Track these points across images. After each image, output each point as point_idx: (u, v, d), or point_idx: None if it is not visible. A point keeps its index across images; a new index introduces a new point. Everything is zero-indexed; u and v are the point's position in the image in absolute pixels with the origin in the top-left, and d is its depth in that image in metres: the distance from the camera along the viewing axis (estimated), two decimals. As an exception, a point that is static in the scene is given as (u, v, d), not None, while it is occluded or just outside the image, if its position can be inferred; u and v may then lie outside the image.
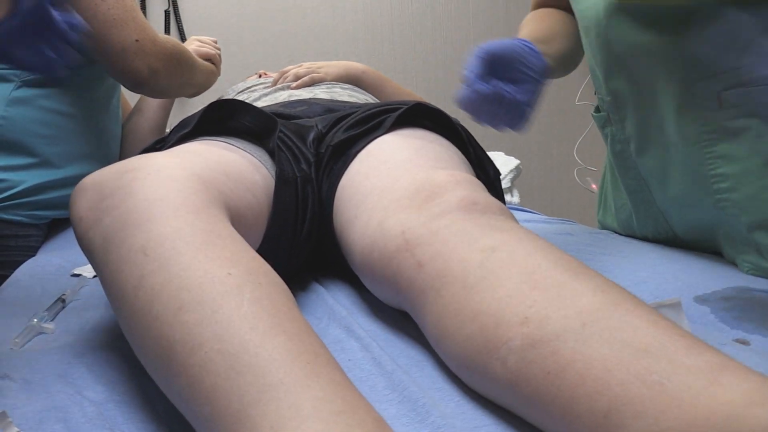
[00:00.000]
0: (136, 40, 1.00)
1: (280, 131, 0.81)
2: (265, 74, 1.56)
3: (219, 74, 1.44)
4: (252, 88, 1.39)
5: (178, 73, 1.12)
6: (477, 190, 0.62)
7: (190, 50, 1.27)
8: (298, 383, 0.40)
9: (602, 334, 0.42)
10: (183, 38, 1.95)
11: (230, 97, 1.32)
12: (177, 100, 1.65)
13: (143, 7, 1.92)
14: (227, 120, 0.80)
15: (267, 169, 0.75)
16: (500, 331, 0.46)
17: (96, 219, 0.54)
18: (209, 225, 0.52)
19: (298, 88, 1.31)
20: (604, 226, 1.12)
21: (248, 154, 0.74)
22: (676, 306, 0.58)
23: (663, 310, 0.57)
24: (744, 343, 0.60)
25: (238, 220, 0.61)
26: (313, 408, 0.39)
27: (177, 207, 0.52)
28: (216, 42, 1.48)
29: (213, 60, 1.40)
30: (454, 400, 0.51)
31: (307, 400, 0.39)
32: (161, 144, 0.79)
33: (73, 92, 1.16)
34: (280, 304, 0.47)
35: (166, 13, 1.94)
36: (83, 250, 0.57)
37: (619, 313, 0.43)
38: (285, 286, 0.51)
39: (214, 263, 0.48)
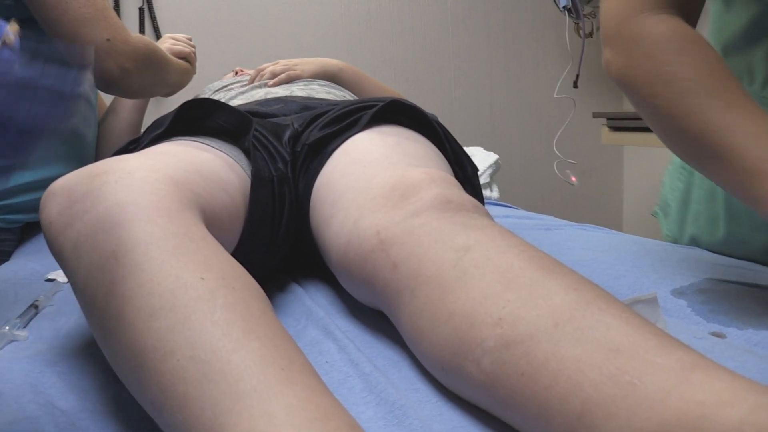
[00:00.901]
0: (108, 40, 0.99)
1: (256, 130, 0.80)
2: (242, 71, 1.55)
3: (194, 72, 1.42)
4: (228, 87, 1.38)
5: (150, 72, 1.10)
6: (452, 187, 0.62)
7: (164, 48, 1.26)
8: (272, 390, 0.40)
9: (574, 333, 0.42)
10: (158, 37, 1.92)
11: (206, 96, 1.31)
12: (153, 100, 1.63)
13: (117, 5, 1.89)
14: (201, 119, 0.78)
15: (243, 168, 0.74)
16: (474, 332, 0.46)
17: (66, 224, 0.53)
18: (182, 228, 0.51)
19: (274, 85, 1.30)
20: (690, 242, 0.94)
21: (223, 154, 0.73)
22: (652, 301, 0.59)
23: (639, 305, 0.58)
24: (720, 336, 0.61)
25: (213, 221, 0.60)
26: (287, 416, 0.39)
27: (149, 211, 0.51)
28: (191, 39, 1.46)
29: (188, 58, 1.39)
30: (431, 401, 0.50)
31: (281, 407, 0.39)
32: (134, 145, 0.78)
33: (46, 93, 1.14)
34: (255, 309, 0.47)
35: (141, 10, 1.92)
36: (54, 255, 0.56)
37: (591, 311, 0.43)
38: (260, 290, 0.51)
39: (186, 268, 0.47)
